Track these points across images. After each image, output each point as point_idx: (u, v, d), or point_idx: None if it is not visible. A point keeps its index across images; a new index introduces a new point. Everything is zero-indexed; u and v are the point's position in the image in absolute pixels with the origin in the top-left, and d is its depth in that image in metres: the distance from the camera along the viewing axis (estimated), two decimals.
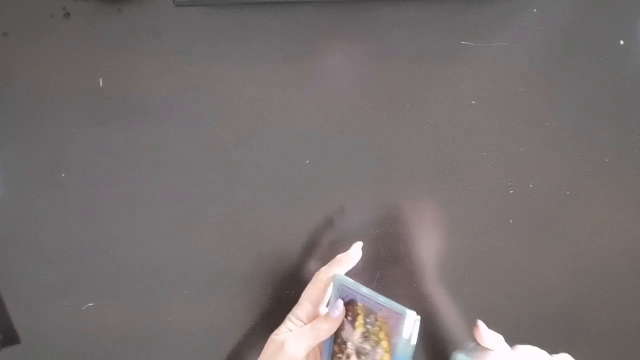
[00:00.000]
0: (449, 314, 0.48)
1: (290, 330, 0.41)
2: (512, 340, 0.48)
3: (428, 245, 0.47)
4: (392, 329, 0.38)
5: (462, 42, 0.45)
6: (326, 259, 0.46)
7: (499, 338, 0.40)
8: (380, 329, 0.39)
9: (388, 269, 0.48)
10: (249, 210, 0.48)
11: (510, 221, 0.47)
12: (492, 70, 0.45)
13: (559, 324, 0.48)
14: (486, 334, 0.39)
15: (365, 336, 0.40)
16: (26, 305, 0.50)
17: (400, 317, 0.37)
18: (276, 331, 0.42)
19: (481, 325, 0.39)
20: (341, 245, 0.47)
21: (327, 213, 0.47)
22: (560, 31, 0.44)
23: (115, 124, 0.48)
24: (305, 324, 0.41)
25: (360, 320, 0.40)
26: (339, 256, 0.44)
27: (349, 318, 0.41)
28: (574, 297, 0.47)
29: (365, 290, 0.40)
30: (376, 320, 0.39)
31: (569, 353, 0.48)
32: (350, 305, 0.41)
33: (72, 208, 0.49)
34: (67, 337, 0.51)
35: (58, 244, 0.49)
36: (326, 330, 0.40)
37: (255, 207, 0.48)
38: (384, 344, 0.38)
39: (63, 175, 0.49)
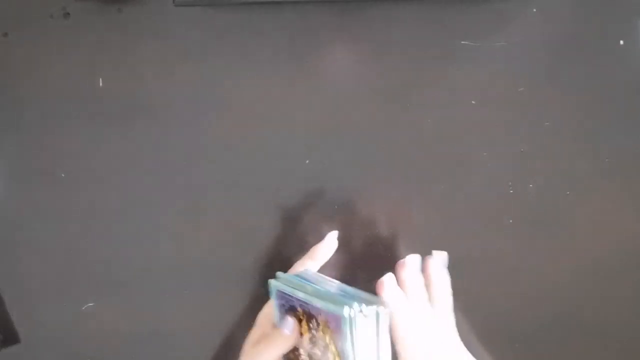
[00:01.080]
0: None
1: (260, 339, 0.40)
2: (512, 341, 0.48)
3: (428, 245, 0.47)
4: (334, 332, 0.36)
5: (462, 42, 0.45)
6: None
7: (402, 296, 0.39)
8: (324, 332, 0.37)
9: (388, 269, 0.48)
10: (249, 210, 0.48)
11: (510, 221, 0.47)
12: (492, 70, 0.45)
13: (559, 323, 0.48)
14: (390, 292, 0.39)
15: (313, 341, 0.38)
16: (26, 305, 0.50)
17: (338, 319, 0.34)
18: (250, 336, 0.41)
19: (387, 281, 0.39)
20: (341, 245, 0.47)
21: (327, 213, 0.47)
22: (560, 31, 0.44)
23: (115, 124, 0.48)
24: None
25: (304, 325, 0.38)
26: (313, 248, 0.44)
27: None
28: (574, 297, 0.47)
29: (301, 294, 0.37)
30: (318, 324, 0.37)
31: (569, 353, 0.48)
32: (291, 312, 0.39)
33: (72, 208, 0.49)
34: (67, 337, 0.51)
35: (58, 244, 0.49)
36: (282, 346, 0.38)
37: (255, 207, 0.48)
38: (332, 347, 0.36)
39: (63, 175, 0.49)
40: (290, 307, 0.39)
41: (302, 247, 0.47)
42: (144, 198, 0.48)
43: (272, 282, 0.40)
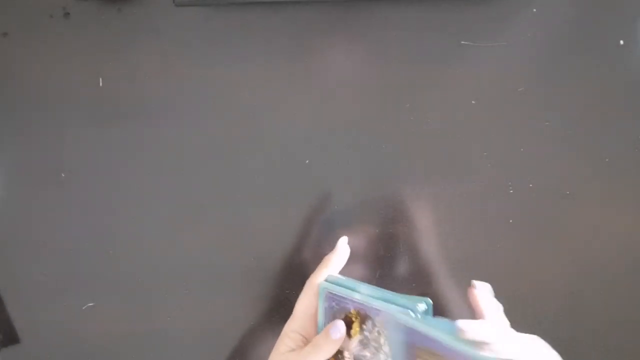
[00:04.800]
0: (448, 313, 0.48)
1: (292, 349, 0.39)
2: None
3: (428, 246, 0.47)
4: (391, 333, 0.35)
5: (462, 42, 0.45)
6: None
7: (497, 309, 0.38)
8: (380, 334, 0.37)
9: (388, 269, 0.48)
10: (249, 210, 0.48)
11: (510, 221, 0.47)
12: (492, 70, 0.45)
13: (558, 324, 0.48)
14: (484, 302, 0.37)
15: (364, 343, 0.38)
16: (26, 305, 0.50)
17: (398, 320, 0.35)
18: (276, 349, 0.40)
19: (479, 287, 0.38)
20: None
21: (327, 213, 0.47)
22: (560, 31, 0.44)
23: (115, 124, 0.48)
24: (303, 336, 0.40)
25: (355, 327, 0.38)
26: (326, 257, 0.43)
27: None
28: (574, 297, 0.47)
29: (357, 296, 0.37)
30: (374, 325, 0.37)
31: (568, 353, 0.48)
32: (342, 312, 0.39)
33: (72, 208, 0.49)
34: (67, 337, 0.51)
35: (58, 244, 0.49)
36: (328, 351, 0.37)
37: (255, 207, 0.48)
38: (386, 349, 0.36)
39: (63, 175, 0.49)
40: (340, 309, 0.39)
41: (302, 247, 0.48)
42: (144, 198, 0.48)
43: (322, 284, 0.40)
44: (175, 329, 0.50)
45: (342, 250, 0.44)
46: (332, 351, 0.38)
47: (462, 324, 0.34)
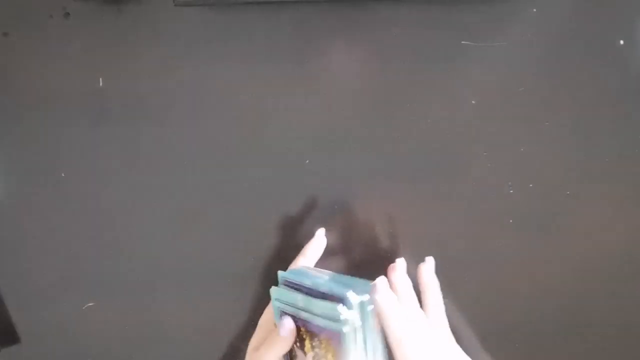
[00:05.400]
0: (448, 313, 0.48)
1: (260, 345, 0.40)
2: (512, 341, 0.48)
3: (428, 245, 0.47)
4: (336, 349, 0.35)
5: (462, 42, 0.45)
6: (325, 259, 0.46)
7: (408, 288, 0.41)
8: (327, 350, 0.36)
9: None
10: (249, 210, 0.48)
11: (510, 221, 0.47)
12: (492, 70, 0.45)
13: (559, 323, 0.48)
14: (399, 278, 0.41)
15: (317, 359, 0.38)
16: (26, 305, 0.50)
17: (339, 336, 0.35)
18: (252, 342, 0.42)
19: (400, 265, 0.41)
20: (340, 246, 0.47)
21: (326, 213, 0.47)
22: (560, 31, 0.44)
23: (115, 124, 0.48)
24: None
25: (307, 344, 0.38)
26: (303, 248, 0.44)
27: (298, 344, 0.39)
28: (574, 297, 0.47)
29: (303, 314, 0.37)
30: (320, 342, 0.37)
31: (569, 353, 0.48)
32: (296, 328, 0.39)
33: (72, 208, 0.49)
34: (67, 337, 0.51)
35: (58, 244, 0.49)
36: (282, 347, 0.39)
37: (255, 207, 0.48)
38: None
39: (63, 175, 0.49)
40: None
41: (302, 247, 0.48)
42: (144, 198, 0.48)
43: (273, 291, 0.40)
44: (174, 329, 0.50)
45: (318, 240, 0.45)
46: (286, 347, 0.39)
47: (381, 283, 0.37)
